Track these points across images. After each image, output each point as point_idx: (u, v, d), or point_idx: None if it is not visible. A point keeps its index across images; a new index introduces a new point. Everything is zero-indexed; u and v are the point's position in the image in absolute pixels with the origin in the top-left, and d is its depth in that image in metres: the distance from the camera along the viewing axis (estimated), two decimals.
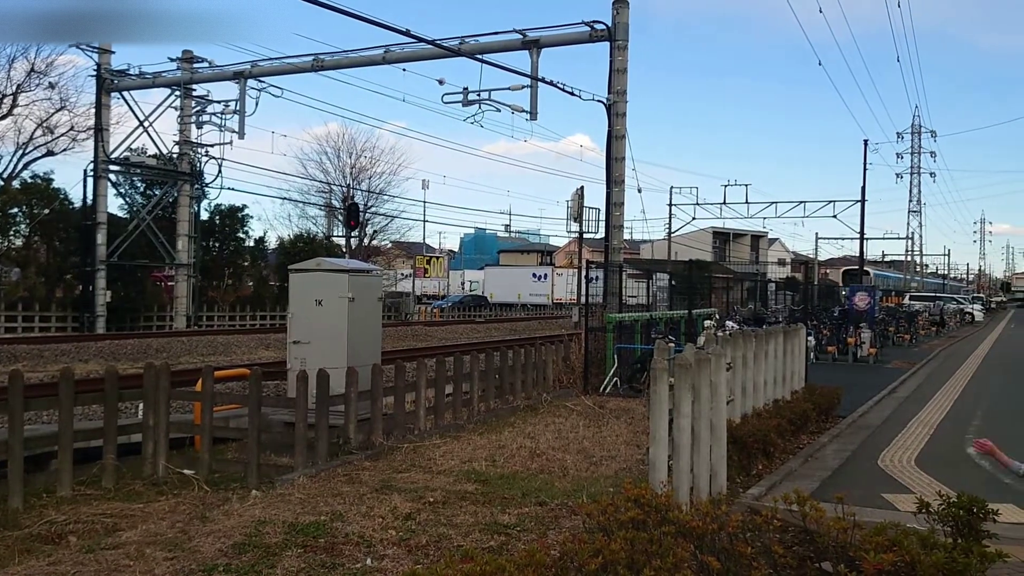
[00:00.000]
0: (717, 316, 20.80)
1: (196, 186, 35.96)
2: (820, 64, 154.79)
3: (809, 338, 18.12)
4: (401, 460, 9.50)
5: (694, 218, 55.84)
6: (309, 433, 9.80)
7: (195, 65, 32.04)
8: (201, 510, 7.80)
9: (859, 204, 43.73)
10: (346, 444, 10.20)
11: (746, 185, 51.39)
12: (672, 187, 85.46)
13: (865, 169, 44.56)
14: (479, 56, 21.85)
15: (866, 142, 47.08)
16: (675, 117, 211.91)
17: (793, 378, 12.71)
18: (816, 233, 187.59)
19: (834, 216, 51.09)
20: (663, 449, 6.84)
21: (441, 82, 24.76)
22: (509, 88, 23.41)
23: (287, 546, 6.23)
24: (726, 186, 52.01)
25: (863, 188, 43.85)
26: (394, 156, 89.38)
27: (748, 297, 32.15)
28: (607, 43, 20.60)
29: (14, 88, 32.65)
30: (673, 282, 22.51)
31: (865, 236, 45.07)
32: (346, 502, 7.52)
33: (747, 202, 50.85)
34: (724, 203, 51.72)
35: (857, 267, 41.20)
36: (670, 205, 57.81)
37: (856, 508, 5.10)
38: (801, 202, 53.12)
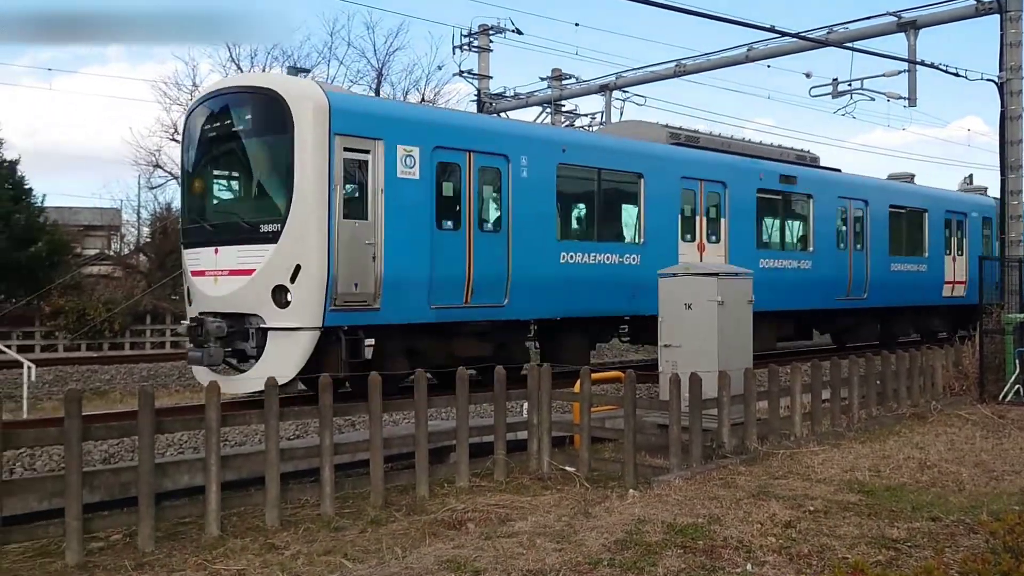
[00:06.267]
0: None
1: None
2: None
3: None
4: (777, 466, 9.30)
5: None
6: (682, 435, 9.91)
7: (563, 82, 33.73)
8: (583, 506, 8.19)
9: None
10: (719, 448, 10.18)
11: None
12: None
13: None
14: (848, 44, 20.81)
15: None
16: None
17: None
18: None
19: None
20: None
21: (808, 75, 23.96)
22: (882, 75, 22.04)
23: (666, 545, 6.37)
24: None
25: None
26: None
27: None
28: (995, 16, 18.70)
29: None
30: None
31: None
32: (722, 506, 7.52)
33: None
34: None
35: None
36: None
37: None
38: None
